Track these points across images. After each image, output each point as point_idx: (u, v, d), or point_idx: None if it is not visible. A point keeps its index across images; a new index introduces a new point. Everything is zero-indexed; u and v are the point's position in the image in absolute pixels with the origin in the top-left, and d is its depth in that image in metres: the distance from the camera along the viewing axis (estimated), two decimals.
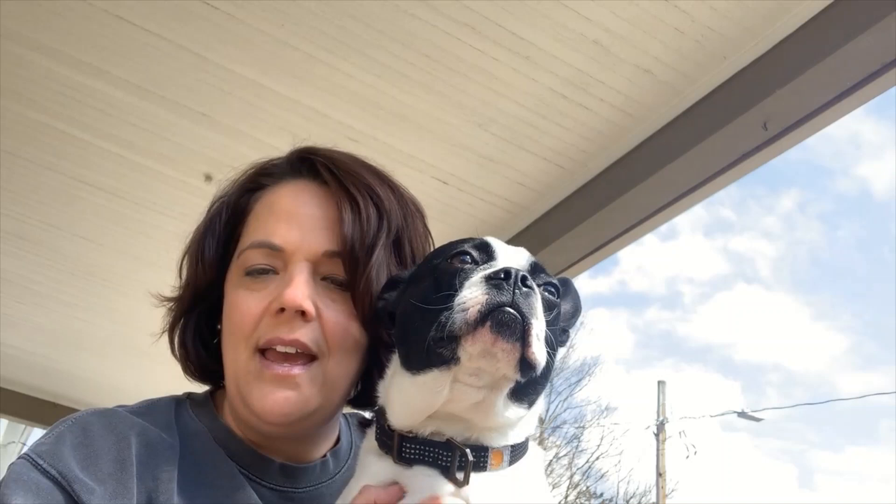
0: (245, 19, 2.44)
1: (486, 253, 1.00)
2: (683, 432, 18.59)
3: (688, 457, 18.51)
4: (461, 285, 0.93)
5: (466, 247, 1.00)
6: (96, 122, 2.97)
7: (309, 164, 1.20)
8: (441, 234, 1.35)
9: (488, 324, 0.89)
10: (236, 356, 1.10)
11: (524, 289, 0.91)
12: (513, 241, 3.17)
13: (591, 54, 2.40)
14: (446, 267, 0.99)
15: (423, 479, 0.96)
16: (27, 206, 3.58)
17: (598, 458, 19.83)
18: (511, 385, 0.95)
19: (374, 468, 1.01)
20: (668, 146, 2.55)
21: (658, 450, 18.47)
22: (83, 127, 3.01)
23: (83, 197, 3.42)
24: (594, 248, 2.93)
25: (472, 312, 0.89)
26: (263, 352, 1.09)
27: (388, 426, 1.00)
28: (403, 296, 1.06)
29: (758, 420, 18.65)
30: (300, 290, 1.07)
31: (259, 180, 1.21)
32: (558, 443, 19.60)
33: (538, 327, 0.91)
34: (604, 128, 2.67)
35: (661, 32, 2.30)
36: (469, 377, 0.93)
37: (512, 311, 0.89)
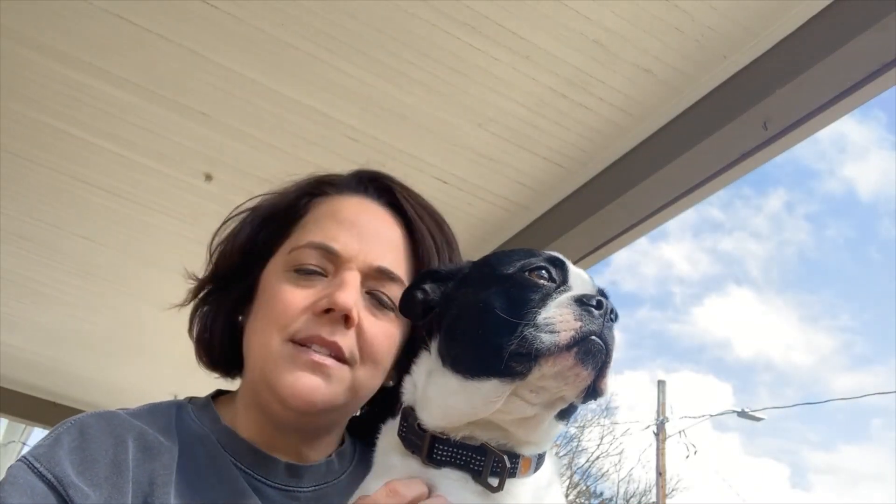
0: (245, 19, 2.44)
1: (562, 271, 1.00)
2: (683, 432, 18.61)
3: (688, 456, 18.54)
4: (542, 302, 0.92)
5: (544, 262, 0.99)
6: (96, 122, 2.97)
7: (379, 187, 1.23)
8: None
9: (574, 350, 0.88)
10: (268, 341, 1.11)
11: (610, 321, 0.91)
12: (513, 240, 3.18)
13: (591, 54, 2.40)
14: (523, 279, 0.97)
15: (448, 482, 0.95)
16: (27, 205, 3.58)
17: (598, 458, 19.86)
18: (564, 406, 0.95)
19: (398, 468, 0.99)
20: (668, 146, 2.55)
21: (658, 449, 18.47)
22: (83, 126, 3.01)
23: (83, 196, 3.43)
24: (594, 247, 2.92)
25: (565, 336, 0.88)
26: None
27: (419, 425, 0.98)
28: (457, 295, 1.04)
29: (758, 420, 18.64)
30: (352, 295, 1.08)
31: (322, 187, 1.23)
32: (558, 443, 19.59)
33: (615, 359, 0.91)
34: (604, 128, 2.67)
35: (661, 32, 2.30)
36: (529, 393, 0.93)
37: (599, 341, 0.89)
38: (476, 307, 0.97)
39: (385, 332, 1.13)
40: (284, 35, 2.47)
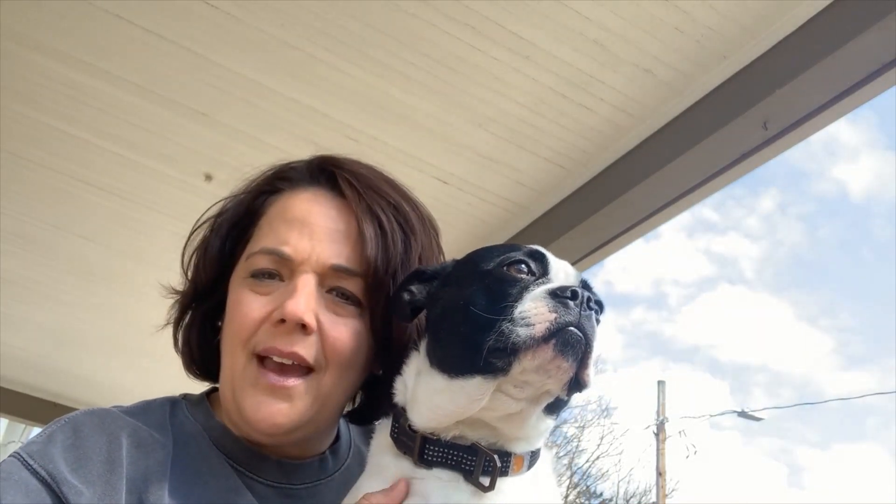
0: (245, 19, 2.44)
1: (542, 264, 0.99)
2: (683, 432, 18.61)
3: (688, 456, 18.55)
4: (520, 296, 0.92)
5: (523, 256, 0.98)
6: (96, 122, 2.97)
7: (329, 175, 1.18)
8: (441, 233, 1.34)
9: (553, 342, 0.88)
10: (234, 360, 1.09)
11: (588, 311, 0.91)
12: (512, 240, 3.17)
13: (591, 54, 2.40)
14: (501, 274, 0.96)
15: (440, 483, 0.95)
16: (27, 205, 3.58)
17: (598, 458, 19.86)
18: (550, 400, 0.95)
19: (391, 468, 0.99)
20: (668, 146, 2.55)
21: (658, 449, 18.47)
22: (83, 126, 3.01)
23: (83, 196, 3.43)
24: (594, 247, 2.92)
25: (540, 329, 0.88)
26: (262, 359, 1.08)
27: (410, 426, 0.98)
28: (441, 294, 1.03)
29: (758, 419, 18.65)
30: (302, 302, 1.05)
31: (276, 184, 1.19)
32: (558, 443, 19.61)
33: (596, 350, 0.91)
34: (604, 128, 2.67)
35: (661, 32, 2.30)
36: (513, 389, 0.93)
37: (577, 332, 0.89)
38: (457, 305, 0.97)
39: (350, 330, 1.09)
40: (284, 35, 2.47)
